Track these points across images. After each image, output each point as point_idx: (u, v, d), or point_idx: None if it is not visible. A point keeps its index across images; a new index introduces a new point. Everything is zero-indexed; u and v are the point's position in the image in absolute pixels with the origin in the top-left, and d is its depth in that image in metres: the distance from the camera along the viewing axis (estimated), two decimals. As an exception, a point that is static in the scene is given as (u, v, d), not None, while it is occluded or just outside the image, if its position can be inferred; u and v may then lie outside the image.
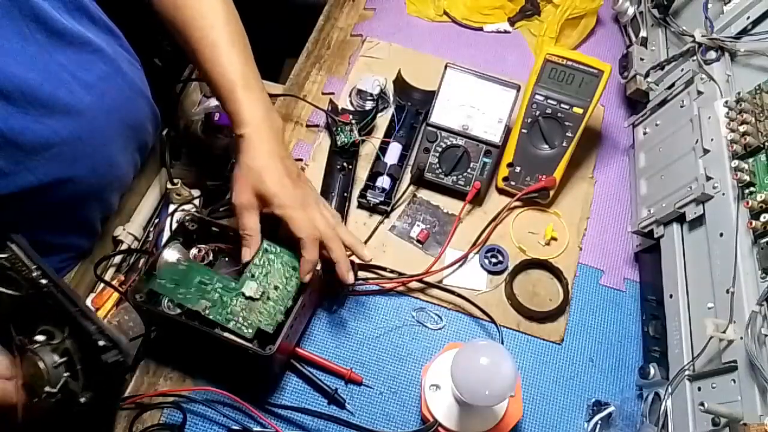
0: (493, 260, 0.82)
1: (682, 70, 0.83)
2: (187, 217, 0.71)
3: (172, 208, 0.89)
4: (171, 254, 0.68)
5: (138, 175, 0.86)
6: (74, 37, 0.65)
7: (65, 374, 0.53)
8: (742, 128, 0.67)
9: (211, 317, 0.64)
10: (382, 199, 0.83)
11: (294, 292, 0.67)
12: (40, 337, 0.54)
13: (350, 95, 0.94)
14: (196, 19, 0.70)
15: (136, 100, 0.77)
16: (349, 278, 0.69)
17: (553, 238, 0.84)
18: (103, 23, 0.71)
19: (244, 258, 0.67)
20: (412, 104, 0.92)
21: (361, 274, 0.79)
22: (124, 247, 0.84)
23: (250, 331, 0.64)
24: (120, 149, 0.75)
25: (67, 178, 0.66)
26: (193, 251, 0.70)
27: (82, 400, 0.53)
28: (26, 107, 0.59)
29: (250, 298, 0.65)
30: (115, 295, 0.79)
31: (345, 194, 0.84)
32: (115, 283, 0.80)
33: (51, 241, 0.72)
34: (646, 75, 0.90)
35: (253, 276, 0.67)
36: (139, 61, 0.78)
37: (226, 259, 0.71)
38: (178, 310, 0.65)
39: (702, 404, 0.58)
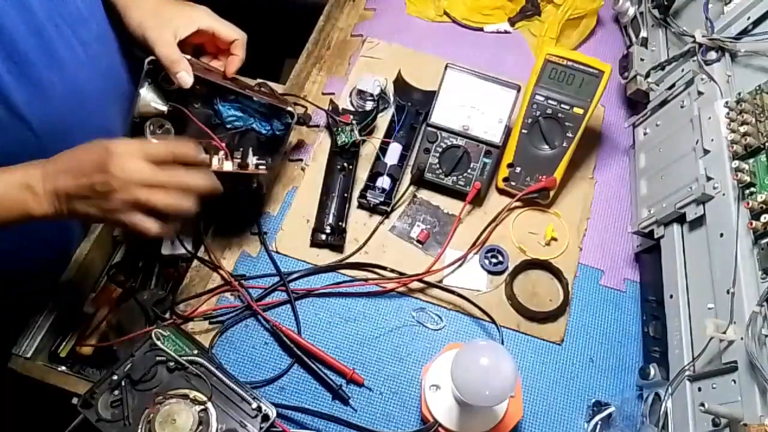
0: (493, 260, 0.82)
1: (683, 70, 0.83)
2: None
3: None
4: (149, 96, 0.69)
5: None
6: None
7: None
8: (742, 129, 0.67)
9: None
10: (382, 199, 0.83)
11: None
12: None
13: (350, 95, 0.94)
14: None
15: (132, 69, 0.77)
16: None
17: (553, 239, 0.84)
18: None
19: (185, 84, 0.68)
20: (412, 104, 0.92)
21: (361, 273, 0.79)
22: (122, 247, 0.84)
23: None
24: (115, 116, 0.76)
25: (64, 142, 0.66)
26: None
27: None
28: (24, 61, 0.60)
29: None
30: (115, 295, 0.80)
31: (345, 194, 0.84)
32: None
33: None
34: (647, 75, 0.90)
35: None
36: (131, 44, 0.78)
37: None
38: None
39: (702, 405, 0.58)
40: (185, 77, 0.67)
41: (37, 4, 0.61)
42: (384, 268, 0.79)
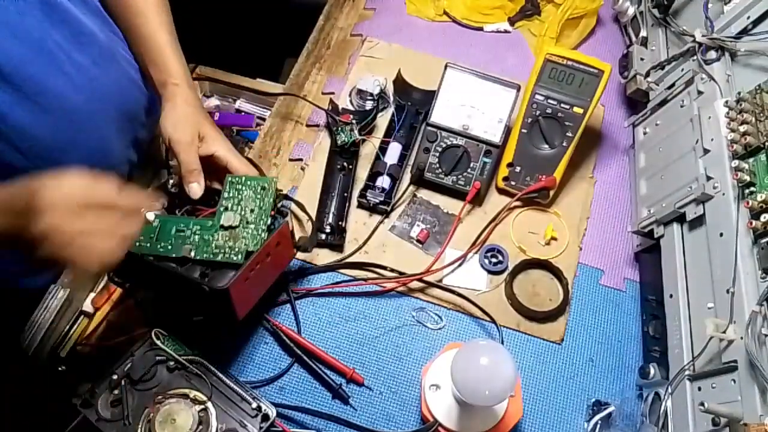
0: (493, 260, 0.82)
1: (683, 69, 0.83)
2: (171, 180, 0.71)
3: None
4: (149, 216, 0.68)
5: (137, 174, 0.85)
6: (69, 15, 0.65)
7: None
8: (742, 128, 0.67)
9: (198, 258, 0.65)
10: (382, 199, 0.83)
11: (270, 207, 0.68)
12: None
13: (350, 95, 0.94)
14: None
15: (131, 89, 0.77)
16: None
17: (553, 238, 0.84)
18: (96, 8, 0.71)
19: (194, 195, 0.68)
20: (412, 104, 0.92)
21: (361, 273, 0.79)
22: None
23: (240, 256, 0.64)
24: (113, 138, 0.75)
25: (57, 164, 0.66)
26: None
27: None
28: (18, 85, 0.59)
29: (230, 227, 0.66)
30: (115, 295, 0.80)
31: (345, 194, 0.84)
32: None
33: None
34: (647, 75, 0.90)
35: (226, 208, 0.67)
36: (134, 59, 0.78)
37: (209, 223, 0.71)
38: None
39: (702, 404, 0.58)
40: (196, 188, 0.68)
41: (33, 30, 0.60)
42: (384, 268, 0.79)
